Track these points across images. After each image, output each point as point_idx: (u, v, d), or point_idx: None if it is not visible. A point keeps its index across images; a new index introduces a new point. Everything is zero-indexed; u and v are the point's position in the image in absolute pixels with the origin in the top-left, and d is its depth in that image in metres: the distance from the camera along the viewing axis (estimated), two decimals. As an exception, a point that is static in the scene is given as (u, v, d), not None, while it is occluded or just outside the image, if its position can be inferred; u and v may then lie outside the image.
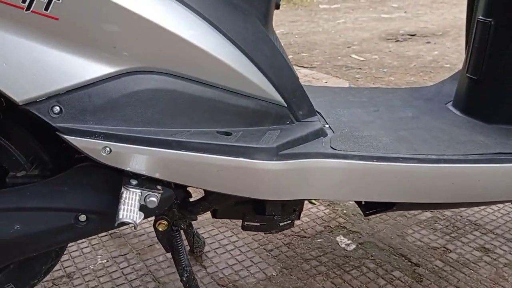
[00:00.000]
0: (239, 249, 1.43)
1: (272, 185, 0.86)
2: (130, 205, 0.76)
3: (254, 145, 0.81)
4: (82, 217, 0.87)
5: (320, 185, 0.91)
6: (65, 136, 0.75)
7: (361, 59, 3.67)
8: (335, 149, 0.91)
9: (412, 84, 3.05)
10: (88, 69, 0.75)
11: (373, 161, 0.91)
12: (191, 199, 1.01)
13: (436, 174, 0.94)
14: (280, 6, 1.01)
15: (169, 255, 1.36)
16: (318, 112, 1.10)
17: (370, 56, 3.74)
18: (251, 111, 0.89)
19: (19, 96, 0.73)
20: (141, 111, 0.79)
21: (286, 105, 0.95)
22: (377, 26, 4.85)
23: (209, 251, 1.42)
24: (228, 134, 0.84)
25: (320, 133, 0.96)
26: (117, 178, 0.86)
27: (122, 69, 0.77)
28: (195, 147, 0.79)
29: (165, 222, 0.99)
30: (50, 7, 0.69)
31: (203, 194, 1.01)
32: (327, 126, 1.06)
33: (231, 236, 1.49)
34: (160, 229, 0.99)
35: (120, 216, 0.73)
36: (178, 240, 1.01)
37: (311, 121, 1.00)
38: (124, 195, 0.78)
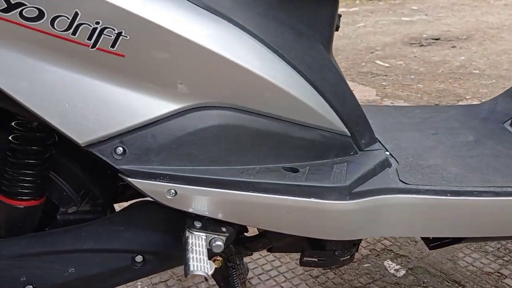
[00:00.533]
0: (283, 275, 1.37)
1: (343, 226, 0.80)
2: (198, 253, 0.71)
3: (327, 184, 0.76)
4: (139, 258, 0.83)
5: (390, 222, 0.85)
6: (129, 179, 0.70)
7: (386, 65, 3.59)
8: (406, 183, 0.86)
9: (442, 91, 2.97)
10: (153, 106, 0.70)
11: (447, 196, 0.85)
12: (247, 234, 0.96)
13: (512, 208, 0.88)
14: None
15: (212, 281, 1.31)
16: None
17: (395, 62, 3.66)
18: (316, 144, 0.83)
19: (81, 138, 0.68)
20: (206, 149, 0.74)
21: (349, 135, 0.89)
22: (399, 29, 4.77)
23: (252, 277, 1.37)
24: (295, 170, 0.79)
25: (385, 164, 0.91)
26: (175, 217, 0.81)
27: (187, 106, 0.72)
28: (264, 188, 0.74)
29: (220, 259, 0.93)
30: (117, 44, 0.64)
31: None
32: (387, 153, 1.00)
33: (273, 260, 1.44)
34: (215, 266, 0.93)
35: (191, 268, 0.67)
36: (234, 277, 0.96)
37: (374, 149, 0.95)
38: (190, 241, 0.73)
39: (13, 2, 0.59)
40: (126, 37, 0.64)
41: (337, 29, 0.95)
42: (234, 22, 0.73)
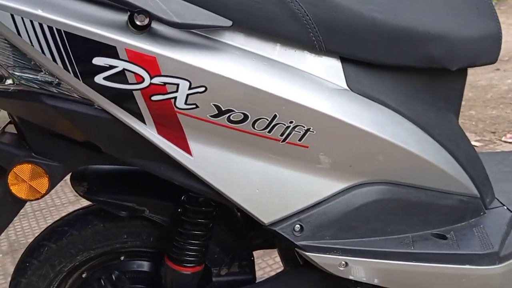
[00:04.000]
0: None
1: (490, 286, 0.86)
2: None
3: (479, 251, 0.83)
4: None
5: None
6: (307, 253, 0.78)
7: (433, 91, 3.63)
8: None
9: (496, 118, 3.00)
10: (325, 187, 0.78)
11: None
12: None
13: None
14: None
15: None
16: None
17: (441, 87, 3.69)
18: (457, 209, 0.90)
19: (266, 218, 0.76)
20: (368, 221, 0.82)
21: (479, 196, 0.96)
22: (438, 52, 4.80)
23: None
24: (444, 237, 0.86)
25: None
26: (326, 282, 0.88)
27: (352, 184, 0.80)
28: (425, 258, 0.81)
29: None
30: (304, 137, 0.72)
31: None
32: (505, 208, 1.05)
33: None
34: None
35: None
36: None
37: (496, 207, 1.01)
38: (355, 306, 0.80)
39: (223, 109, 0.68)
40: (313, 132, 0.72)
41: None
42: (392, 107, 0.81)
